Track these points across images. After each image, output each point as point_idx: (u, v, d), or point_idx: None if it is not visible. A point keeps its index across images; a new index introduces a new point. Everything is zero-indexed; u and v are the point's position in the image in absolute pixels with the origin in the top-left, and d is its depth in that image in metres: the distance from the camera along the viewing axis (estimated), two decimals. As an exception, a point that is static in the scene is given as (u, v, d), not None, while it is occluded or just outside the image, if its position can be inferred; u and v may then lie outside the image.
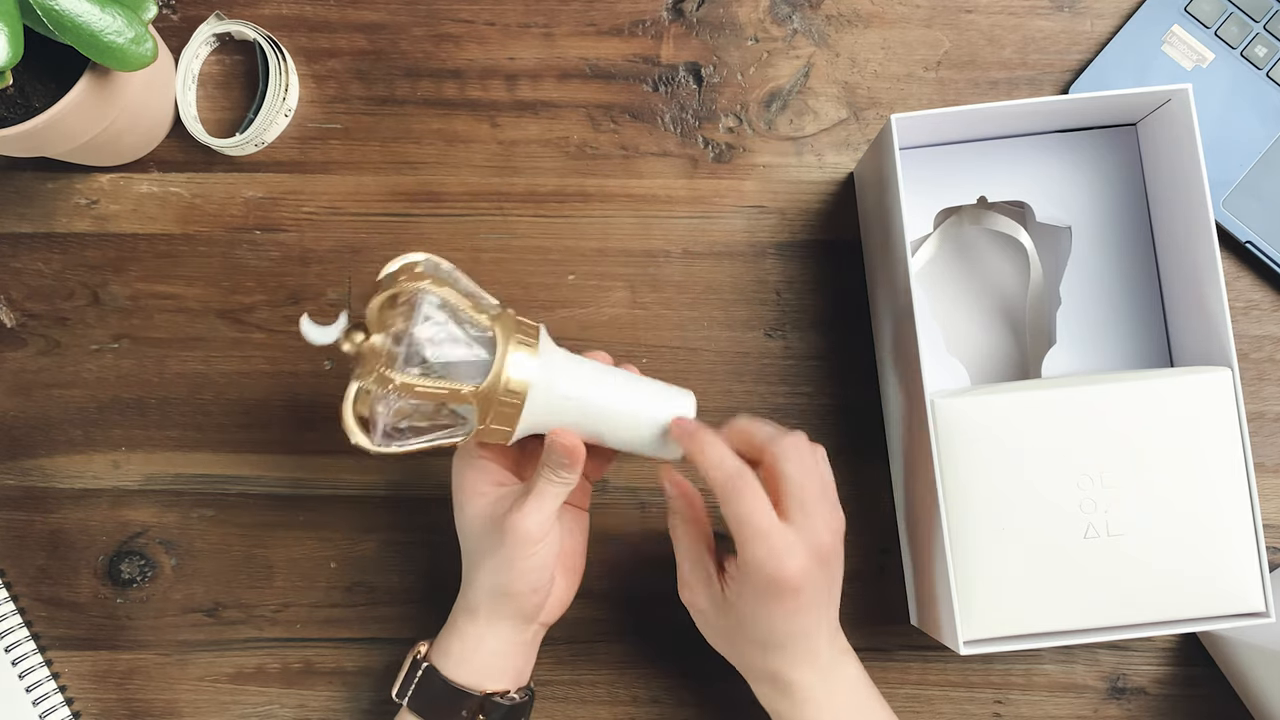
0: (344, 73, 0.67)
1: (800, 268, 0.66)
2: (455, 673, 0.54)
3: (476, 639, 0.55)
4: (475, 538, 0.54)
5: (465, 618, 0.55)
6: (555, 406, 0.51)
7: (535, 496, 0.52)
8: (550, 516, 0.52)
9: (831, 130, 0.66)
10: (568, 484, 0.52)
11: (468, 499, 0.54)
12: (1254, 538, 0.54)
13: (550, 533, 0.52)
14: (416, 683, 0.54)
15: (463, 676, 0.54)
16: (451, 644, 0.55)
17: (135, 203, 0.66)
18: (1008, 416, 0.54)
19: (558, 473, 0.52)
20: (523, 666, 0.57)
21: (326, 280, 0.66)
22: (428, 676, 0.54)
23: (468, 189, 0.66)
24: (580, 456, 0.52)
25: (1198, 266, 0.56)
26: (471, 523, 0.54)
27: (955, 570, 0.54)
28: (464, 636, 0.55)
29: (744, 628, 0.52)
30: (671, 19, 0.67)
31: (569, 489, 0.52)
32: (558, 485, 0.52)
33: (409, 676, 0.55)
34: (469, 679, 0.54)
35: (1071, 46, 0.66)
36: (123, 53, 0.52)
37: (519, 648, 0.56)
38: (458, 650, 0.55)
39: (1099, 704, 0.64)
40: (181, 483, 0.65)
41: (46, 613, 0.65)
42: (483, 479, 0.54)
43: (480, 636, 0.55)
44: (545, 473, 0.52)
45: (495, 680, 0.55)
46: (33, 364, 0.66)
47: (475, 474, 0.54)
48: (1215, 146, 0.64)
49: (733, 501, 0.49)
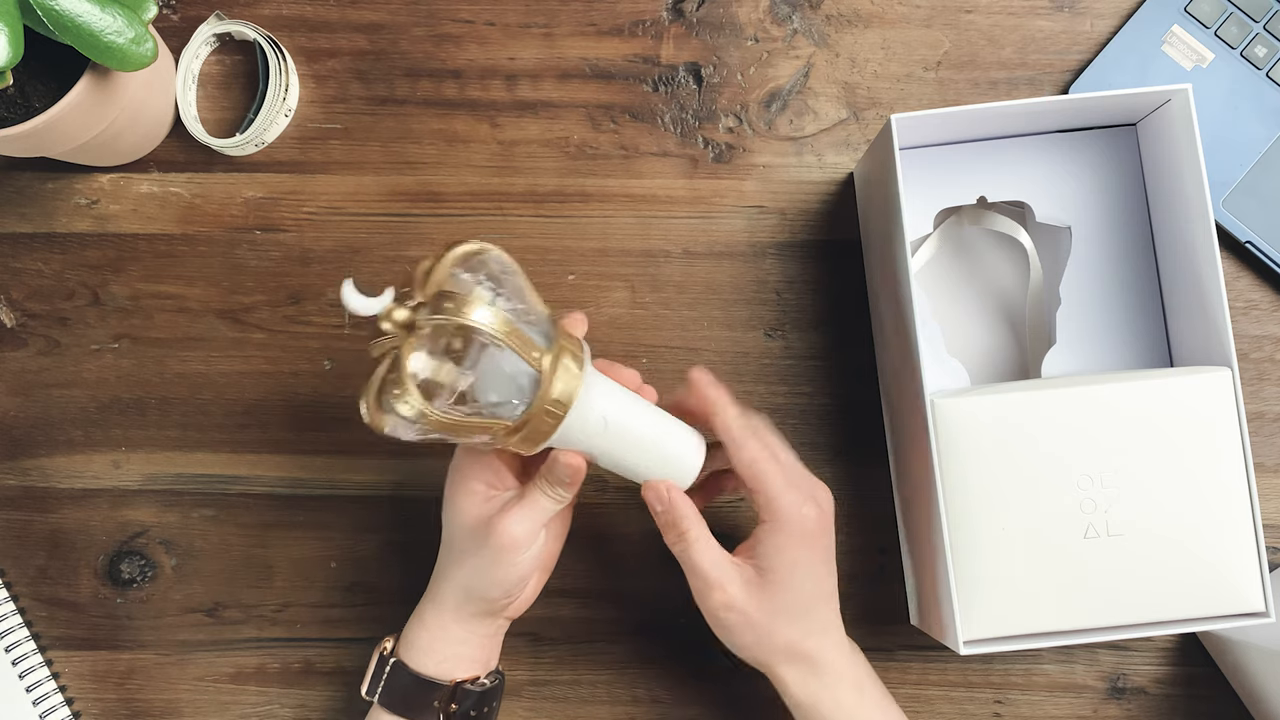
0: (344, 73, 0.67)
1: (800, 268, 0.66)
2: (423, 664, 0.54)
3: (442, 630, 0.55)
4: (458, 534, 0.54)
5: (432, 610, 0.55)
6: (589, 431, 0.50)
7: (527, 505, 0.51)
8: (538, 527, 0.52)
9: (831, 130, 0.66)
10: (562, 501, 0.52)
11: (459, 493, 0.54)
12: (1254, 538, 0.54)
13: (535, 543, 0.52)
14: (386, 678, 0.55)
15: (430, 668, 0.54)
16: (418, 636, 0.55)
17: (135, 203, 0.66)
18: (1008, 416, 0.54)
19: (555, 489, 0.52)
20: (489, 657, 0.57)
21: (326, 280, 0.66)
22: (396, 671, 0.55)
23: (468, 189, 0.66)
24: (581, 477, 0.52)
25: (1198, 266, 0.56)
26: (457, 517, 0.53)
27: (955, 570, 0.54)
28: (429, 628, 0.55)
29: (783, 593, 0.52)
30: (671, 19, 0.67)
31: (562, 506, 0.52)
32: (552, 500, 0.52)
33: (377, 673, 0.55)
34: (437, 670, 0.54)
35: (1071, 46, 0.66)
36: (123, 53, 0.52)
37: (484, 639, 0.56)
38: (424, 642, 0.55)
39: (1099, 704, 0.64)
40: (181, 483, 0.65)
41: (46, 613, 0.65)
42: (479, 477, 0.53)
43: (445, 628, 0.55)
44: (542, 485, 0.52)
45: (463, 669, 0.55)
46: (33, 364, 0.66)
47: (473, 470, 0.54)
48: (1215, 146, 0.63)
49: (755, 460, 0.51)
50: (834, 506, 0.54)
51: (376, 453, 0.65)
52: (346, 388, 0.65)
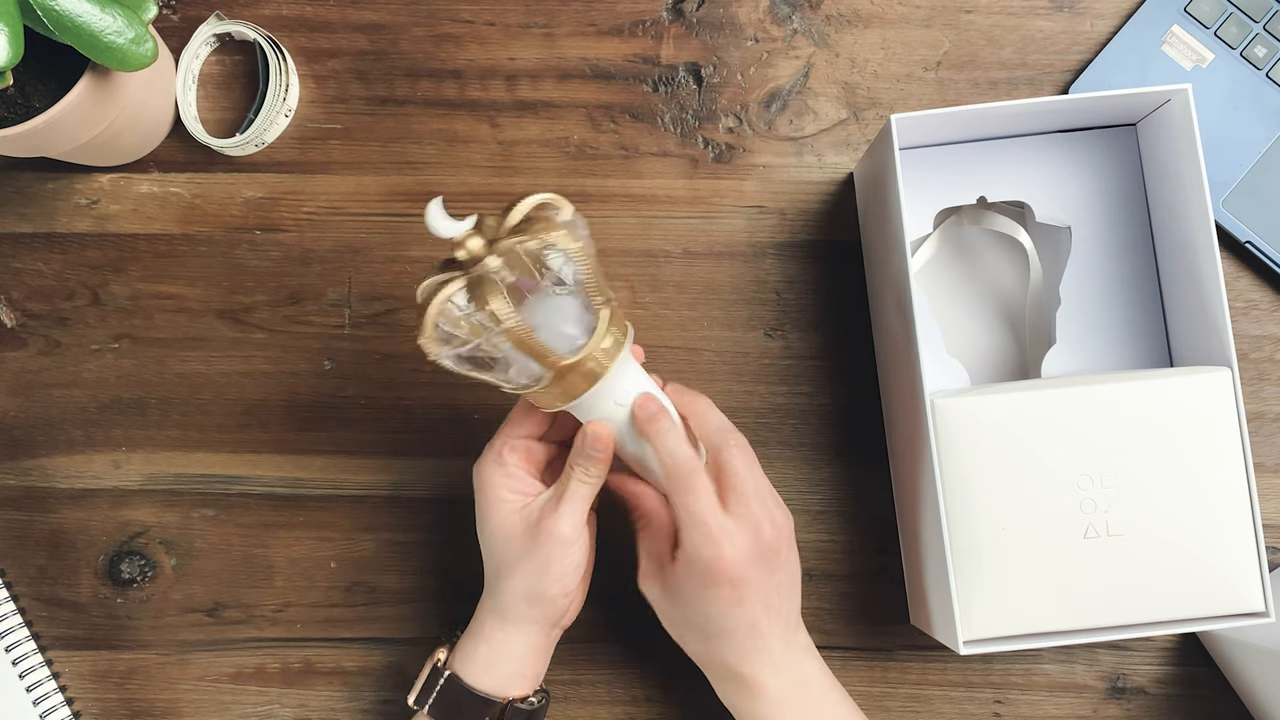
0: (344, 73, 0.67)
1: (800, 268, 0.66)
2: (479, 679, 0.54)
3: (504, 644, 0.55)
4: (503, 544, 0.54)
5: (494, 622, 0.55)
6: (618, 397, 0.52)
7: (568, 499, 0.53)
8: (583, 517, 0.53)
9: (831, 130, 0.66)
10: (597, 481, 0.53)
11: (492, 506, 0.54)
12: (1254, 538, 0.54)
13: (583, 533, 0.53)
14: (439, 690, 0.54)
15: (486, 683, 0.54)
16: (478, 650, 0.55)
17: (135, 203, 0.66)
18: (1008, 416, 0.54)
19: (588, 469, 0.53)
20: (542, 670, 0.57)
21: (326, 280, 0.66)
22: (450, 684, 0.54)
23: (468, 189, 0.66)
24: (610, 450, 0.53)
25: (1198, 266, 0.56)
26: (498, 530, 0.54)
27: (955, 570, 0.54)
28: (491, 642, 0.55)
29: (688, 616, 0.53)
30: (671, 19, 0.67)
31: (598, 487, 0.53)
32: (588, 485, 0.53)
33: (429, 684, 0.55)
34: (493, 685, 0.54)
35: (1071, 46, 0.66)
36: (123, 53, 0.52)
37: (541, 653, 0.56)
38: (484, 656, 0.55)
39: (1099, 704, 0.64)
40: (181, 483, 0.65)
41: (46, 613, 0.65)
42: (506, 487, 0.54)
43: (508, 642, 0.55)
44: (576, 473, 0.53)
45: (518, 686, 0.55)
46: (33, 364, 0.66)
47: (499, 481, 0.54)
48: (1215, 146, 0.63)
49: (679, 491, 0.51)
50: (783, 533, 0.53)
51: (376, 453, 0.65)
52: (347, 387, 0.65)
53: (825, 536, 0.64)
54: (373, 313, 0.66)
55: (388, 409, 0.65)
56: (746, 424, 0.63)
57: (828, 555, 0.64)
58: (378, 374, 0.65)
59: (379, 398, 0.65)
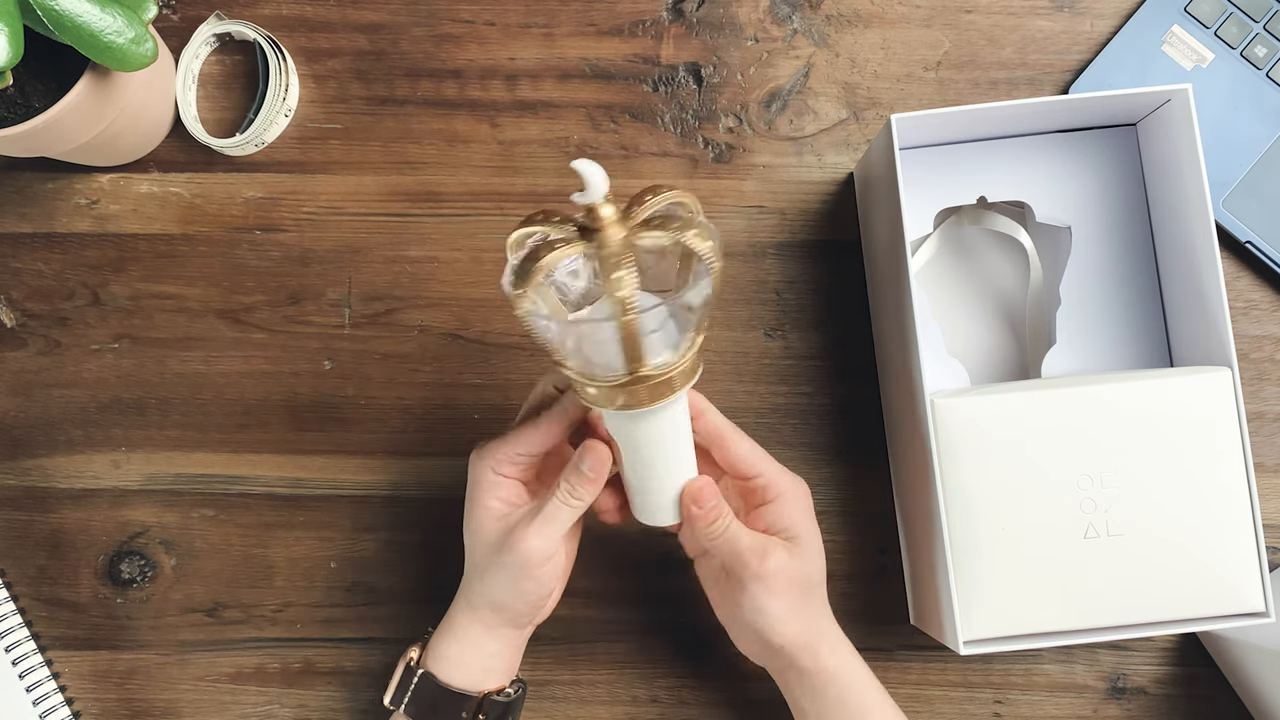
0: (344, 73, 0.67)
1: (800, 268, 0.66)
2: (452, 676, 0.54)
3: (476, 641, 0.55)
4: (480, 550, 0.54)
5: (466, 618, 0.55)
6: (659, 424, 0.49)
7: (545, 518, 0.51)
8: (557, 538, 0.52)
9: (831, 130, 0.66)
10: (580, 505, 0.52)
11: (476, 507, 0.54)
12: (1254, 538, 0.54)
13: (556, 554, 0.52)
14: (413, 689, 0.54)
15: (460, 679, 0.54)
16: (449, 647, 0.55)
17: (135, 203, 0.66)
18: (1008, 416, 0.54)
19: (575, 489, 0.51)
20: (515, 663, 0.57)
21: (326, 280, 0.66)
22: (425, 682, 0.54)
23: (468, 189, 0.66)
24: (604, 476, 0.51)
25: (1198, 266, 0.56)
26: (478, 532, 0.54)
27: (955, 570, 0.54)
28: (462, 640, 0.55)
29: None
30: (671, 19, 0.67)
31: (580, 512, 0.52)
32: (570, 509, 0.52)
33: (403, 684, 0.55)
34: (466, 681, 0.54)
35: (1071, 46, 0.66)
36: (123, 53, 0.52)
37: (514, 648, 0.56)
38: (455, 653, 0.55)
39: (1099, 704, 0.64)
40: (181, 483, 0.65)
41: (46, 613, 0.65)
42: (494, 494, 0.53)
43: (478, 640, 0.55)
44: (561, 493, 0.51)
45: (493, 679, 0.55)
46: (33, 364, 0.66)
47: (488, 486, 0.53)
48: (1215, 146, 0.63)
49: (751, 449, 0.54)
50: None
51: (376, 453, 0.65)
52: (347, 387, 0.65)
53: (825, 536, 0.64)
54: (373, 313, 0.66)
55: (388, 409, 0.65)
56: (747, 424, 0.62)
57: (828, 555, 0.64)
58: (378, 374, 0.65)
59: (379, 398, 0.65)
